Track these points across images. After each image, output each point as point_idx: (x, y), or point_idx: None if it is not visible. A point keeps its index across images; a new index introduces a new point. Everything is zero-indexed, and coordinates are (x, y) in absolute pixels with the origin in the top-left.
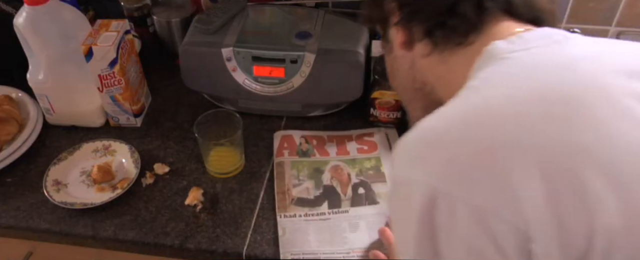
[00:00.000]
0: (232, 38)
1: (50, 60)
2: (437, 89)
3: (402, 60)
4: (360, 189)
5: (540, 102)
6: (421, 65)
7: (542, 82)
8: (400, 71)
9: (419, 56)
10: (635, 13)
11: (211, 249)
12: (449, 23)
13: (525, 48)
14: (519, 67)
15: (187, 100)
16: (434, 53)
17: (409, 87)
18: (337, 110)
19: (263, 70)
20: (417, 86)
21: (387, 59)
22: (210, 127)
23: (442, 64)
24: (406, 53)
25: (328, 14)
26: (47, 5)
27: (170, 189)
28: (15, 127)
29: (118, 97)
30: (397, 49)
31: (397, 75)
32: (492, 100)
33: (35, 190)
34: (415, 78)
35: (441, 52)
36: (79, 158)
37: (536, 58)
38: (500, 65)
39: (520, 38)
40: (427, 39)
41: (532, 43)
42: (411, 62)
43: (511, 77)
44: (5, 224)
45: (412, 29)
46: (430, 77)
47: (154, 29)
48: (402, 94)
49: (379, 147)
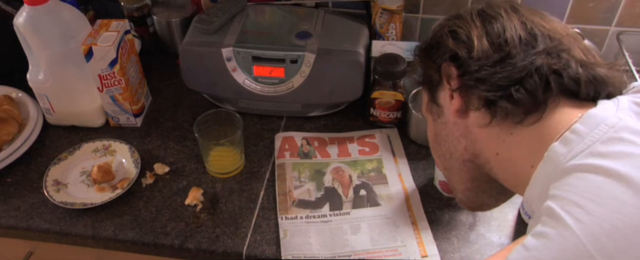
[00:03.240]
0: (232, 38)
1: (50, 60)
2: (493, 166)
3: (454, 128)
4: (362, 191)
5: None
6: (477, 136)
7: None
8: (449, 139)
9: (474, 126)
10: (635, 13)
11: (211, 249)
12: (515, 97)
13: (585, 147)
14: (599, 178)
15: (187, 100)
16: (491, 125)
17: (457, 157)
18: (337, 110)
19: (263, 70)
20: (467, 157)
21: (433, 124)
22: (210, 127)
23: (501, 141)
24: (459, 120)
25: (328, 14)
26: (47, 5)
27: (170, 189)
28: (15, 127)
29: (118, 97)
30: (451, 114)
31: (444, 142)
32: (617, 222)
33: (35, 190)
34: (467, 148)
35: (499, 126)
36: (79, 158)
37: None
38: (568, 188)
39: (574, 133)
40: (485, 109)
41: (589, 138)
42: (464, 131)
43: (604, 192)
44: (5, 224)
45: (470, 97)
46: (486, 151)
47: (154, 29)
48: (445, 162)
49: (381, 148)
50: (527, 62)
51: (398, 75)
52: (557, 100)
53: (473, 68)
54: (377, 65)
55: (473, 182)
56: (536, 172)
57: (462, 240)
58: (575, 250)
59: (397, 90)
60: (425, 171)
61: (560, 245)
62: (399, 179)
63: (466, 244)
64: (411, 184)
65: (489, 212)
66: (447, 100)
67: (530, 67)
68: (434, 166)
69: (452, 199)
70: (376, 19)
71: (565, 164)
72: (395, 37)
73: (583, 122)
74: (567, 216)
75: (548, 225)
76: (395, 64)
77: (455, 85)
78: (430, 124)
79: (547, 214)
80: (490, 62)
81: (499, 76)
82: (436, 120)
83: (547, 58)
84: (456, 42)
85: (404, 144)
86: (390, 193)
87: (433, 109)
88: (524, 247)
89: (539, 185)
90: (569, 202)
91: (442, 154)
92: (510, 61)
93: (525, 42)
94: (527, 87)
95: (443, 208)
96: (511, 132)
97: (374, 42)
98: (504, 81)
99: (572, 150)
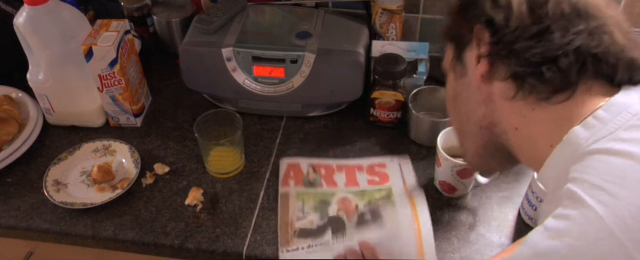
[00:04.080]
0: (232, 38)
1: (50, 60)
2: (510, 138)
3: (476, 92)
4: (367, 216)
5: None
6: (498, 106)
7: None
8: (468, 102)
9: (498, 95)
10: (636, 13)
11: (211, 249)
12: (547, 75)
13: (607, 133)
14: (621, 164)
15: (187, 100)
16: (515, 98)
17: (474, 121)
18: (337, 110)
19: (263, 70)
20: (485, 124)
21: (454, 83)
22: (210, 127)
23: (521, 116)
24: (483, 86)
25: (328, 14)
26: (47, 5)
27: (170, 189)
28: (15, 127)
29: (118, 97)
30: (475, 78)
31: (463, 104)
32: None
33: (35, 190)
34: (486, 115)
35: (524, 100)
36: (79, 158)
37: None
38: (589, 170)
39: (596, 119)
40: (511, 81)
41: (612, 125)
42: (487, 96)
43: (622, 180)
44: (5, 224)
45: (498, 66)
46: (505, 123)
47: (154, 29)
48: (461, 125)
49: (391, 178)
50: (565, 40)
51: (398, 75)
52: (590, 83)
53: (508, 38)
54: (377, 65)
55: (485, 148)
56: (554, 153)
57: (462, 240)
58: (600, 232)
59: (397, 90)
60: (425, 171)
61: (583, 227)
62: (409, 203)
63: (466, 244)
64: (423, 211)
65: (489, 212)
66: (473, 62)
67: (568, 46)
68: (434, 166)
69: (452, 198)
70: (376, 19)
71: (586, 148)
72: (395, 37)
73: (606, 109)
74: (590, 199)
75: (570, 207)
76: (395, 64)
77: (485, 51)
78: (450, 81)
79: (569, 196)
80: (526, 34)
81: (533, 51)
82: (458, 80)
83: (588, 39)
84: (494, 6)
85: (404, 144)
86: (397, 214)
87: (456, 66)
88: (544, 228)
89: (555, 167)
90: (591, 185)
91: (459, 116)
92: (549, 36)
93: (567, 17)
94: (561, 67)
95: (443, 208)
96: (534, 107)
97: (374, 42)
98: (538, 57)
99: (594, 135)
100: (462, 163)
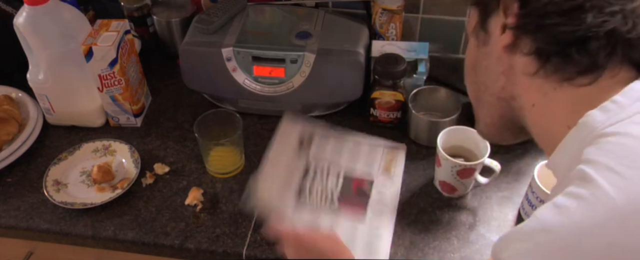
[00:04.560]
0: (232, 38)
1: (50, 60)
2: (526, 115)
3: (497, 62)
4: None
5: None
6: (519, 79)
7: None
8: (488, 71)
9: (520, 69)
10: None
11: (211, 249)
12: (574, 57)
13: (623, 118)
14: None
15: (187, 100)
16: (537, 75)
17: (492, 92)
18: (337, 110)
19: (263, 70)
20: (503, 96)
21: (476, 50)
22: (210, 127)
23: (542, 94)
24: (504, 56)
25: (328, 14)
26: (47, 5)
27: (170, 189)
28: (15, 127)
29: (118, 97)
30: (497, 48)
31: (482, 73)
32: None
33: (35, 190)
34: (506, 88)
35: (546, 78)
36: (79, 158)
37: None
38: (604, 151)
39: (614, 103)
40: (534, 57)
41: (630, 110)
42: (508, 68)
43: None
44: (5, 224)
45: (523, 39)
46: (524, 98)
47: (154, 29)
48: (478, 93)
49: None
50: (598, 21)
51: (398, 75)
52: (617, 69)
53: (538, 12)
54: (377, 65)
55: (500, 119)
56: (569, 135)
57: (462, 240)
58: (610, 211)
59: (397, 90)
60: (425, 171)
61: (594, 206)
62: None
63: (466, 244)
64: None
65: (489, 212)
66: (497, 30)
67: (600, 28)
68: (434, 166)
69: (452, 199)
70: (376, 19)
71: (601, 130)
72: (395, 37)
73: (624, 94)
74: (603, 180)
75: (581, 186)
76: (395, 64)
77: (512, 22)
78: (471, 48)
79: (581, 177)
80: (558, 9)
81: (563, 29)
82: (480, 48)
83: (622, 22)
84: None
85: (404, 144)
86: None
87: (479, 34)
88: (554, 204)
89: (569, 150)
90: (604, 166)
91: (477, 83)
92: (581, 15)
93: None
94: (590, 49)
95: (443, 208)
96: (555, 87)
97: (374, 42)
98: (567, 36)
99: (611, 119)
100: (462, 163)
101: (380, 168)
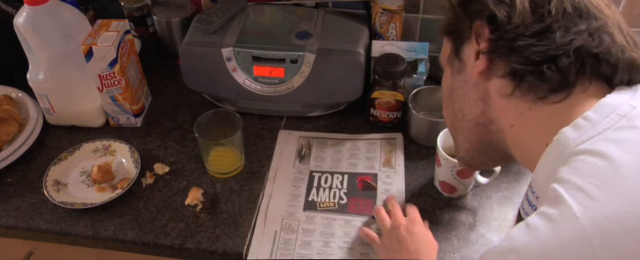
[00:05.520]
0: (232, 38)
1: (50, 60)
2: (506, 136)
3: (473, 89)
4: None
5: None
6: (496, 103)
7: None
8: (465, 99)
9: (495, 92)
10: (635, 13)
11: (211, 249)
12: (547, 74)
13: (595, 134)
14: (610, 166)
15: (187, 100)
16: (513, 96)
17: (470, 119)
18: (337, 110)
19: (263, 70)
20: (482, 121)
21: (451, 79)
22: (210, 127)
23: (518, 114)
24: (480, 82)
25: (328, 14)
26: (47, 5)
27: (170, 189)
28: (15, 127)
29: (118, 97)
30: (473, 75)
31: (459, 100)
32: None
33: (35, 190)
34: (484, 113)
35: (521, 98)
36: (79, 158)
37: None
38: (575, 171)
39: (586, 120)
40: (509, 79)
41: (600, 126)
42: (484, 94)
43: (613, 180)
44: (5, 224)
45: (496, 63)
46: (502, 120)
47: (154, 29)
48: (455, 121)
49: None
50: (566, 40)
51: (398, 75)
52: (587, 83)
53: (509, 35)
54: (377, 65)
55: (480, 144)
56: (545, 153)
57: (462, 240)
58: (573, 232)
59: (397, 90)
60: (425, 171)
61: (560, 226)
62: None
63: (466, 244)
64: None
65: (489, 212)
66: (471, 58)
67: (569, 46)
68: (434, 166)
69: (452, 199)
70: (376, 19)
71: (574, 148)
72: (395, 37)
73: (596, 110)
74: (571, 199)
75: (553, 206)
76: (395, 64)
77: (485, 47)
78: (447, 77)
79: (552, 195)
80: (528, 32)
81: (534, 49)
82: (455, 76)
83: (588, 39)
84: (497, 2)
85: (404, 144)
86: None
87: (454, 62)
88: (526, 224)
89: (546, 167)
90: (573, 185)
91: (454, 111)
92: (550, 35)
93: (569, 16)
94: (560, 66)
95: (443, 208)
96: (531, 107)
97: (374, 42)
98: (538, 56)
99: (582, 136)
100: None
101: (381, 161)
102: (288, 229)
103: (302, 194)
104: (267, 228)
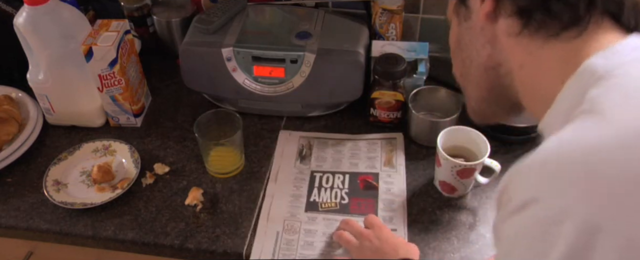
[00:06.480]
0: (232, 38)
1: (50, 60)
2: (515, 78)
3: (480, 33)
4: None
5: None
6: (504, 44)
7: None
8: (472, 44)
9: (503, 33)
10: None
11: (211, 249)
12: (554, 8)
13: (625, 62)
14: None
15: (187, 100)
16: (522, 35)
17: (478, 64)
18: (337, 110)
19: (263, 70)
20: (490, 64)
21: (458, 27)
22: (210, 127)
23: (528, 53)
24: (487, 25)
25: (328, 14)
26: (47, 5)
27: (170, 189)
28: (15, 127)
29: (118, 97)
30: (479, 18)
31: (467, 47)
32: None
33: (35, 190)
34: (492, 56)
35: (530, 37)
36: (79, 158)
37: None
38: (611, 87)
39: (613, 52)
40: (517, 17)
41: (629, 56)
42: (491, 36)
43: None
44: (5, 224)
45: (503, 3)
46: (510, 62)
47: (154, 29)
48: (464, 69)
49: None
50: None
51: (398, 75)
52: (601, 21)
53: None
54: (377, 65)
55: (490, 91)
56: (567, 85)
57: (462, 240)
58: (605, 139)
59: (397, 90)
60: (425, 171)
61: (592, 132)
62: None
63: (466, 244)
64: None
65: (489, 212)
66: (477, 3)
67: None
68: (434, 166)
69: (452, 199)
70: (376, 19)
71: (603, 73)
72: (395, 37)
73: (621, 44)
74: (610, 108)
75: (589, 117)
76: (395, 64)
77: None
78: (454, 27)
79: (587, 110)
80: None
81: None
82: (461, 24)
83: None
84: None
85: (404, 144)
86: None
87: (460, 10)
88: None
89: (567, 100)
90: (612, 102)
91: (462, 60)
92: None
93: None
94: (569, 0)
95: (443, 208)
96: (542, 45)
97: (374, 42)
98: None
99: (611, 63)
100: (462, 163)
101: (382, 160)
102: (290, 229)
103: (303, 194)
104: (269, 229)
